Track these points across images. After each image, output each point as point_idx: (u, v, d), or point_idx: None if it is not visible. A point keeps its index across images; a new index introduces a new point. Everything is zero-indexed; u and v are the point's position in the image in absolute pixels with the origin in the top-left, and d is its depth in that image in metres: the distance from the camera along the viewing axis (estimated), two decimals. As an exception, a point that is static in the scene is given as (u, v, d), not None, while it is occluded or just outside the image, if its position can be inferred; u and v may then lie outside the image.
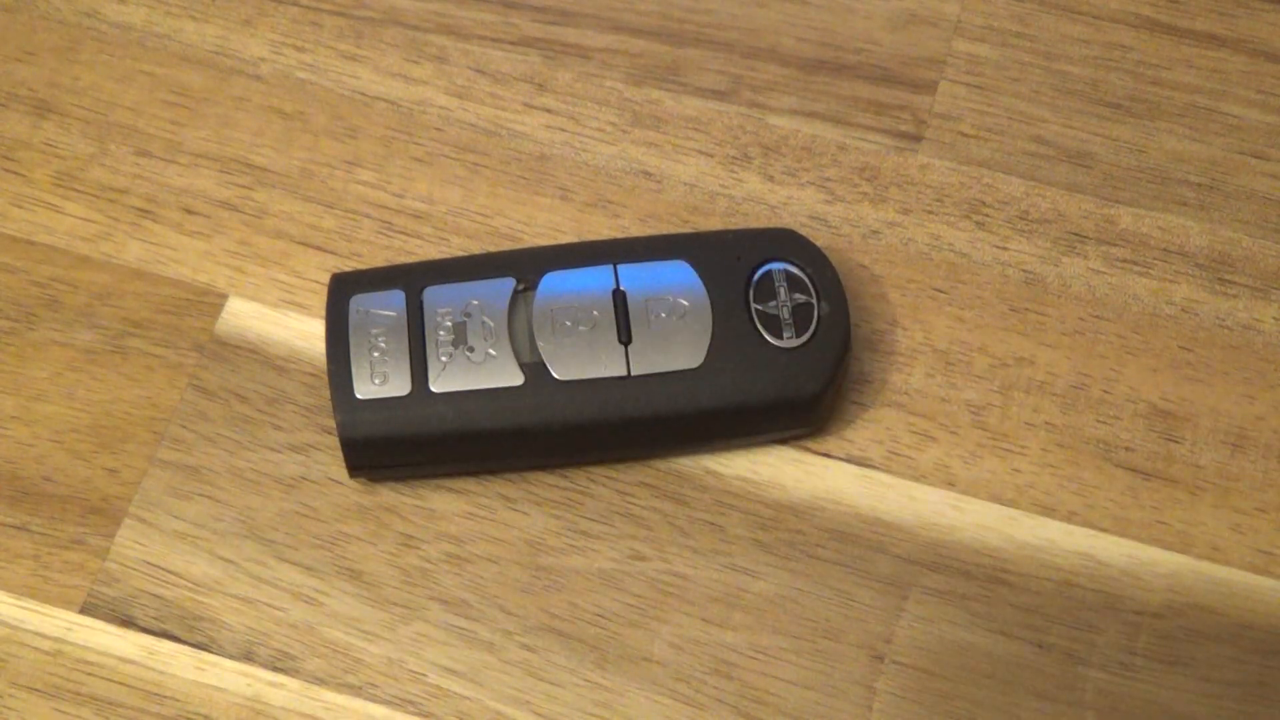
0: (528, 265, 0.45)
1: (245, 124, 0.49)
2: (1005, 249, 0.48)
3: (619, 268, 0.44)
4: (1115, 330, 0.47)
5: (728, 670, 0.43)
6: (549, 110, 0.50)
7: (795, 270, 0.45)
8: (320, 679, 0.42)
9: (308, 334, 0.46)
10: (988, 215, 0.48)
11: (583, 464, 0.45)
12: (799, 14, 0.51)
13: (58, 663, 0.42)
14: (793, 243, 0.45)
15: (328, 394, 0.44)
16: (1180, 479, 0.45)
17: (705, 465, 0.45)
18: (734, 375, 0.43)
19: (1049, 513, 0.44)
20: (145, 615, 0.43)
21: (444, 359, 0.43)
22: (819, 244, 0.46)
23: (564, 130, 0.49)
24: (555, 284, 0.44)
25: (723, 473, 0.45)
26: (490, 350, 0.43)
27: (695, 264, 0.45)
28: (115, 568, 0.43)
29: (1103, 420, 0.45)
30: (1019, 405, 0.46)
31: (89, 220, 0.48)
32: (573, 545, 0.44)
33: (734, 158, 0.49)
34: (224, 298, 0.47)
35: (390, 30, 0.51)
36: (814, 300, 0.44)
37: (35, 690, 0.42)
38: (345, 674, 0.42)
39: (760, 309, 0.44)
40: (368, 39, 0.51)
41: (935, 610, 0.43)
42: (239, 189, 0.48)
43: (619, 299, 0.44)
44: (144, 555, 0.44)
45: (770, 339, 0.44)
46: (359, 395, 0.43)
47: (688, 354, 0.43)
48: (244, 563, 0.44)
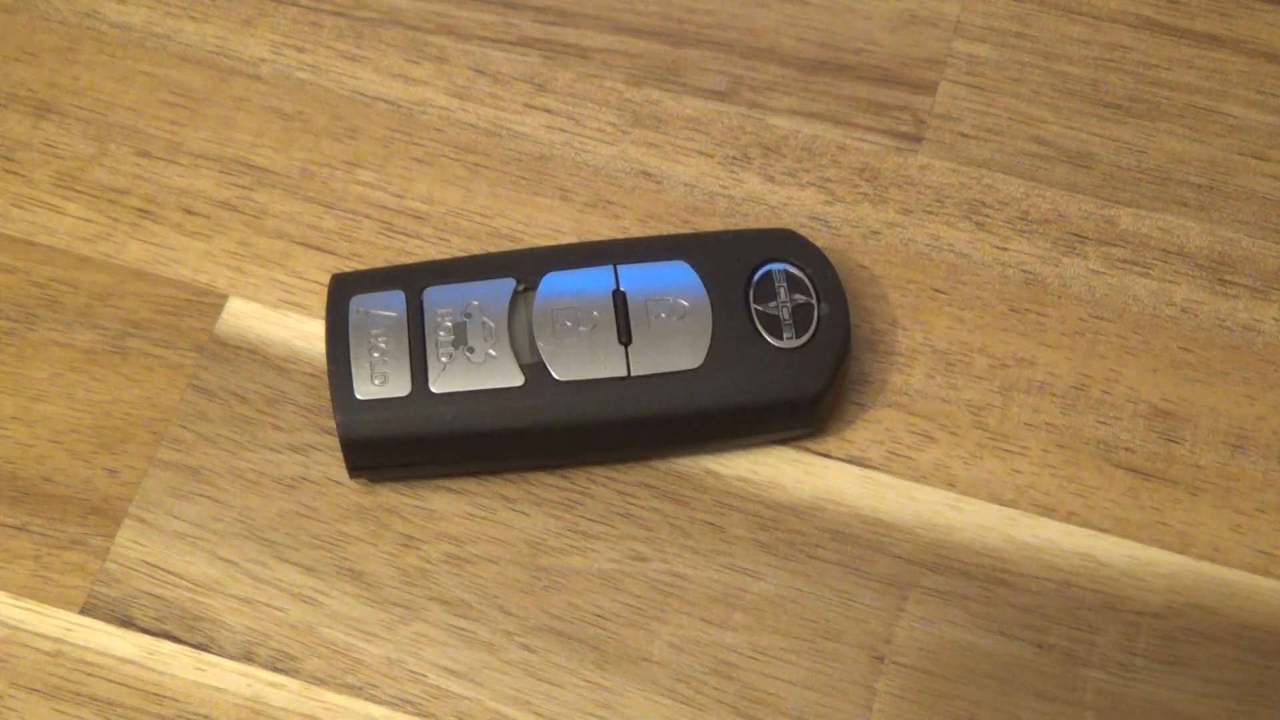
0: (528, 266, 0.45)
1: (245, 124, 0.49)
2: (1005, 249, 0.48)
3: (619, 268, 0.44)
4: (1115, 331, 0.47)
5: (728, 670, 0.43)
6: (549, 110, 0.50)
7: (795, 271, 0.45)
8: (320, 679, 0.42)
9: (308, 334, 0.46)
10: (988, 216, 0.48)
11: (583, 464, 0.45)
12: (799, 14, 0.51)
13: (58, 663, 0.42)
14: (793, 243, 0.45)
15: (328, 394, 0.44)
16: (1180, 479, 0.45)
17: (705, 465, 0.45)
18: (734, 376, 0.43)
19: (1049, 513, 0.44)
20: (145, 616, 0.43)
21: (444, 359, 0.43)
22: (819, 244, 0.46)
23: (564, 131, 0.49)
24: (555, 284, 0.44)
25: (723, 473, 0.45)
26: (490, 351, 0.43)
27: (695, 264, 0.44)
28: (115, 568, 0.43)
29: (1103, 421, 0.45)
30: (1019, 406, 0.46)
31: (89, 221, 0.48)
32: (573, 546, 0.44)
33: (734, 158, 0.49)
34: (224, 298, 0.47)
35: (390, 30, 0.51)
36: (814, 301, 0.44)
37: (35, 690, 0.42)
38: (345, 674, 0.42)
39: (760, 309, 0.44)
40: (368, 39, 0.51)
41: (935, 610, 0.43)
42: (239, 189, 0.48)
43: (619, 299, 0.44)
44: (144, 556, 0.44)
45: (770, 339, 0.44)
46: (359, 396, 0.43)
47: (688, 354, 0.43)
48: (244, 563, 0.44)
